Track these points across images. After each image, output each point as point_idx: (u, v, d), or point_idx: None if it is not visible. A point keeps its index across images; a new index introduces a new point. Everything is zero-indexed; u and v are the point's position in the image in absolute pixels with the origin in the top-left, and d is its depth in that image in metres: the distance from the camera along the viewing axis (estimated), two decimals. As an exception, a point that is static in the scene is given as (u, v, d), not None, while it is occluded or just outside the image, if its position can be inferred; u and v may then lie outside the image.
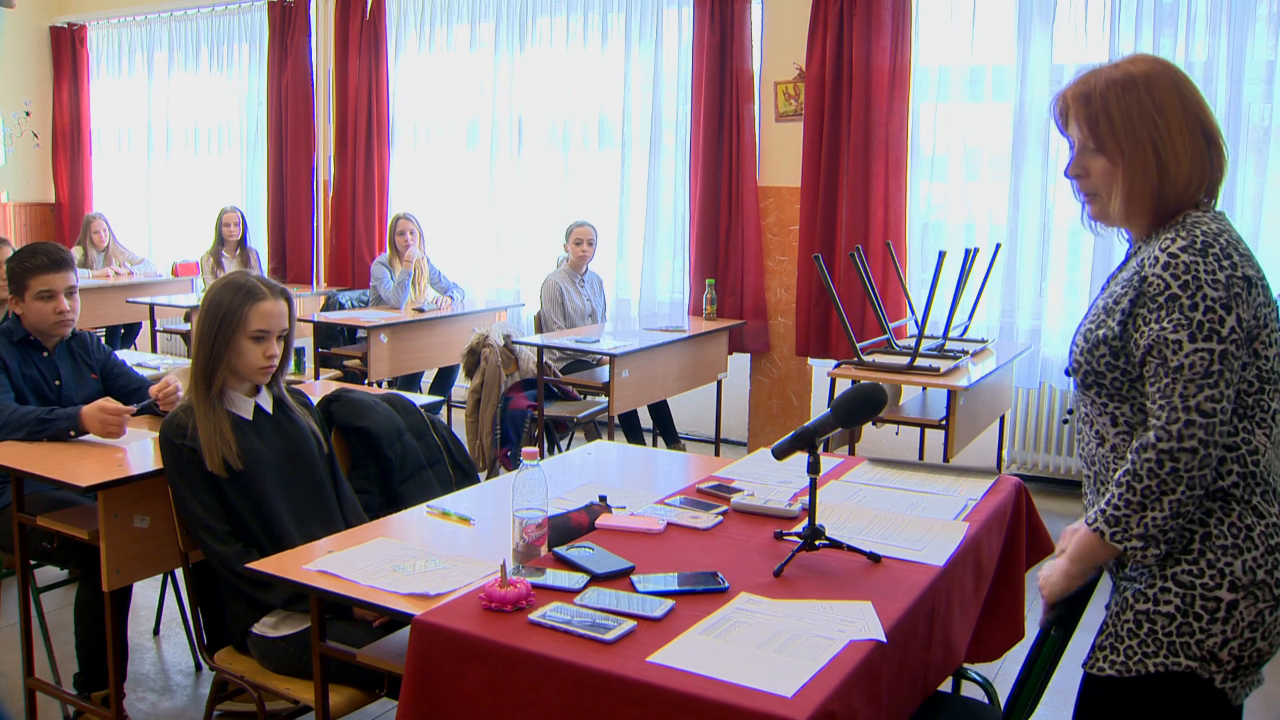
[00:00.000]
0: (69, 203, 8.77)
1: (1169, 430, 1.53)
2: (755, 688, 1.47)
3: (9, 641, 3.38)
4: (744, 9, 5.71)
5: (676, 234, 6.10)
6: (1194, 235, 1.56)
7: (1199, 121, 1.61)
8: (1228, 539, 1.58)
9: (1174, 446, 1.53)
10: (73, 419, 2.78)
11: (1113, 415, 1.67)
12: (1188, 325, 1.53)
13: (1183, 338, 1.53)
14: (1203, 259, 1.54)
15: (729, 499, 2.35)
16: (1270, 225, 4.74)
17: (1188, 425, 1.52)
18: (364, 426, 2.83)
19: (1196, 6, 4.72)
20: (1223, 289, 1.53)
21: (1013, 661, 2.37)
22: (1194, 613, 1.57)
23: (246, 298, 2.41)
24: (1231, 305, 1.53)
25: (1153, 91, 1.61)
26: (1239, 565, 1.56)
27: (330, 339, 5.80)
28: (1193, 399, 1.52)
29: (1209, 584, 1.57)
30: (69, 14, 8.69)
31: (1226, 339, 1.52)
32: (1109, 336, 1.63)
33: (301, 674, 2.23)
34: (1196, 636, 1.57)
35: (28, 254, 3.03)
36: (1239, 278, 1.54)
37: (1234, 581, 1.56)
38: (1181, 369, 1.53)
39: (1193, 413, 1.52)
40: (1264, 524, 1.58)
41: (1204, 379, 1.52)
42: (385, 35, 6.98)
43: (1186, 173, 1.60)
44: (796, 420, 5.75)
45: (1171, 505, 1.54)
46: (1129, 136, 1.61)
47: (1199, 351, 1.52)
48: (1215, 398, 1.52)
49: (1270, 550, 1.57)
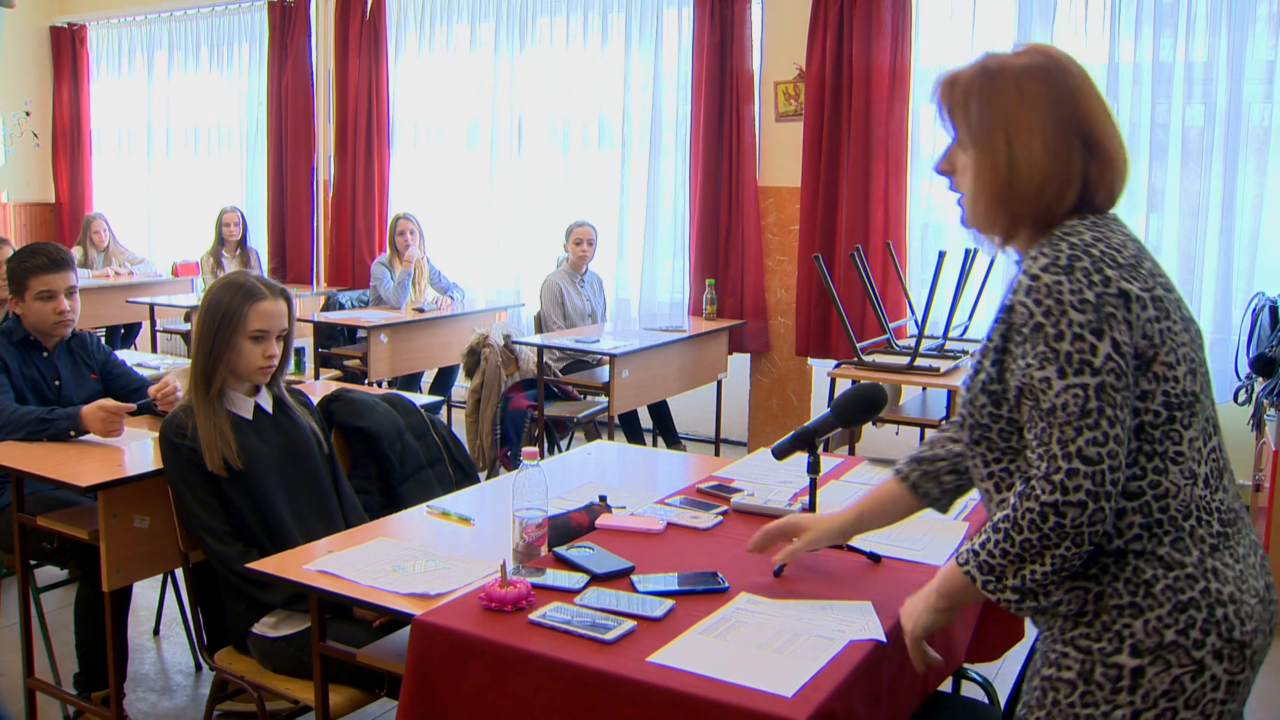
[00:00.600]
0: (69, 203, 8.77)
1: (1051, 481, 1.31)
2: (755, 688, 1.47)
3: (9, 641, 3.38)
4: (744, 9, 5.71)
5: (676, 234, 6.10)
6: (1058, 251, 1.35)
7: (1077, 123, 1.41)
8: (1123, 598, 1.35)
9: (1059, 500, 1.30)
10: (73, 419, 2.78)
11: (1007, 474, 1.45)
12: (1055, 359, 1.31)
13: (1051, 374, 1.32)
14: (1068, 277, 1.32)
15: (729, 499, 2.35)
16: (1270, 225, 4.74)
17: (1070, 475, 1.30)
18: (364, 426, 2.83)
19: (1196, 6, 4.72)
20: (1091, 311, 1.30)
21: (1013, 661, 2.37)
22: (1095, 681, 1.36)
23: (246, 298, 2.41)
24: (1104, 329, 1.30)
25: (1021, 84, 1.41)
26: (1139, 626, 1.33)
27: (330, 339, 5.80)
28: (1072, 444, 1.30)
29: (1107, 649, 1.35)
30: (69, 14, 8.69)
31: (1101, 370, 1.30)
32: (987, 382, 1.42)
33: (301, 674, 2.23)
34: (1102, 708, 1.35)
35: (28, 254, 3.03)
36: (1112, 294, 1.31)
37: (1136, 645, 1.33)
38: (1055, 411, 1.31)
39: (1074, 460, 1.29)
40: (1171, 576, 1.34)
41: (1081, 419, 1.30)
42: (385, 35, 6.98)
43: (1042, 176, 1.39)
44: (796, 420, 5.75)
45: (1054, 561, 1.32)
46: (982, 129, 1.43)
47: (1071, 389, 1.30)
48: (1099, 440, 1.29)
49: (1180, 607, 1.33)
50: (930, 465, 1.77)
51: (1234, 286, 4.72)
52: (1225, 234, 4.72)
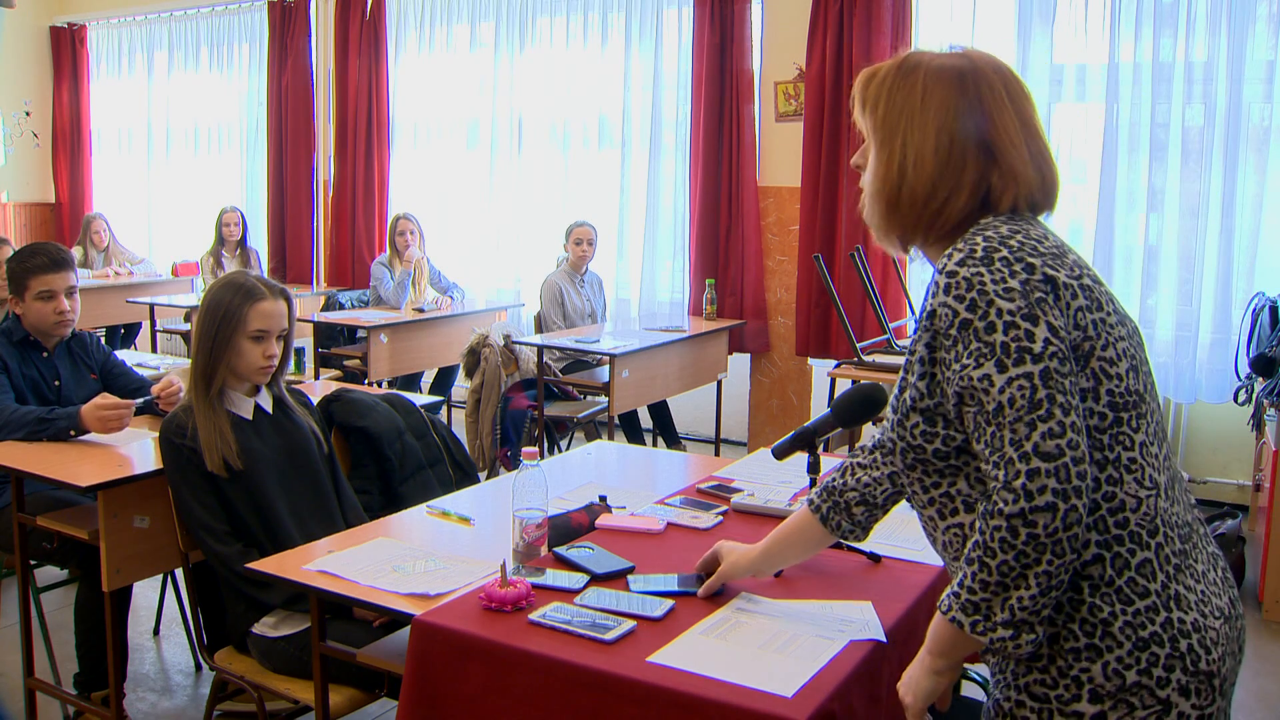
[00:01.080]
0: (69, 203, 8.77)
1: (1013, 489, 1.19)
2: (755, 688, 1.47)
3: (9, 641, 3.38)
4: (744, 9, 5.71)
5: (676, 234, 6.10)
6: (973, 245, 1.27)
7: (980, 132, 1.33)
8: (1079, 640, 1.24)
9: (1025, 508, 1.18)
10: (73, 419, 2.78)
11: (949, 498, 1.35)
12: (991, 353, 1.21)
13: (990, 370, 1.21)
14: (987, 268, 1.24)
15: (729, 499, 2.35)
16: (1270, 225, 4.74)
17: (1031, 477, 1.18)
18: (364, 426, 2.83)
19: (1196, 6, 4.72)
20: (1020, 298, 1.22)
21: (1013, 661, 2.37)
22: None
23: (246, 298, 2.41)
24: (1036, 314, 1.21)
25: (928, 85, 1.34)
26: (1098, 670, 1.23)
27: (330, 339, 5.80)
28: (1027, 442, 1.18)
29: (1065, 696, 1.25)
30: (69, 14, 8.69)
31: (1043, 356, 1.20)
32: (916, 399, 1.32)
33: (301, 674, 2.23)
34: None
35: (28, 254, 3.03)
36: (1038, 280, 1.23)
37: (1095, 691, 1.24)
38: (1001, 409, 1.20)
39: (1033, 459, 1.18)
40: (1130, 612, 1.23)
41: (1032, 413, 1.19)
42: (385, 35, 6.98)
43: (930, 183, 1.33)
44: (796, 420, 5.75)
45: (1039, 580, 1.19)
46: (883, 129, 1.37)
47: (1015, 381, 1.20)
48: (1054, 431, 1.18)
49: (1141, 644, 1.23)
50: (840, 496, 1.71)
51: (1234, 286, 4.71)
52: (1225, 234, 4.71)
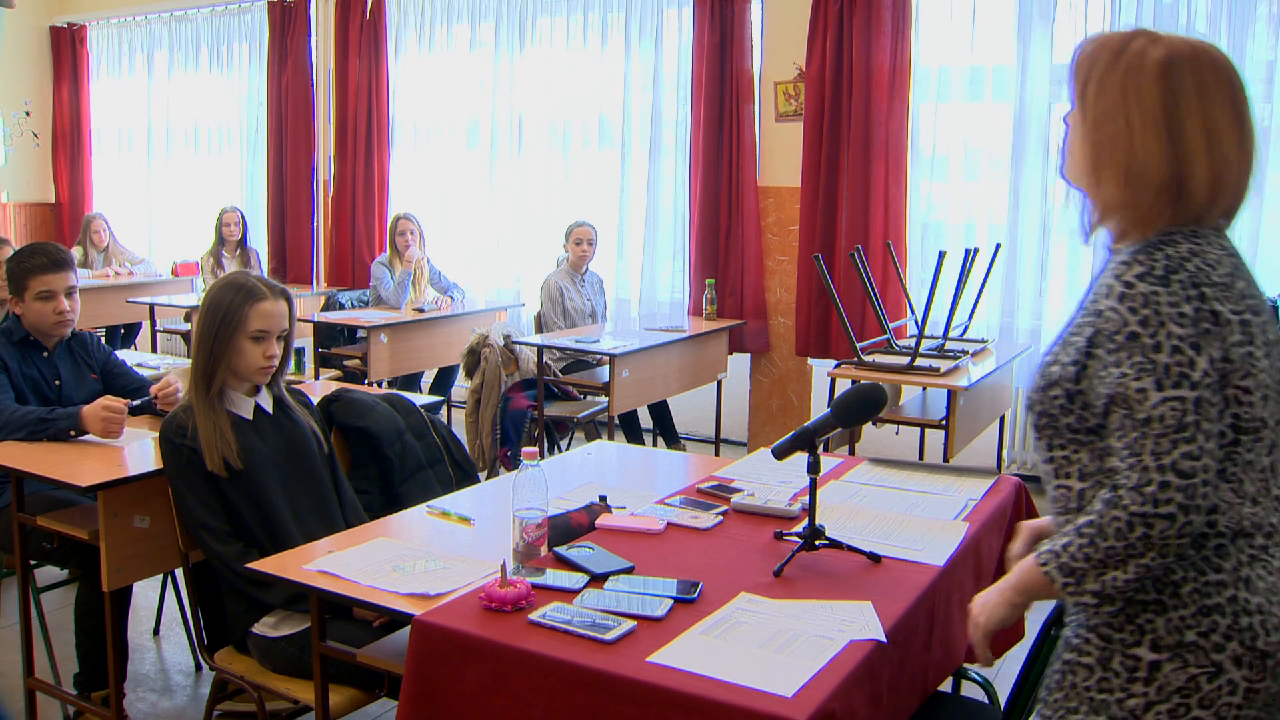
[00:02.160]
0: (69, 203, 8.77)
1: (1143, 494, 1.32)
2: (755, 688, 1.47)
3: (9, 641, 3.38)
4: (744, 9, 5.71)
5: (676, 234, 6.10)
6: (1154, 261, 1.37)
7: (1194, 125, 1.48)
8: (1149, 594, 1.39)
9: (1148, 512, 1.32)
10: (73, 419, 2.78)
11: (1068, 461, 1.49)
12: (1153, 370, 1.33)
13: (1148, 385, 1.33)
14: (1164, 288, 1.34)
15: (729, 499, 2.35)
16: (1270, 225, 4.73)
17: (1163, 489, 1.31)
18: (364, 426, 2.83)
19: (1196, 6, 4.72)
20: (1190, 325, 1.33)
21: (1013, 661, 2.37)
22: (1112, 669, 1.41)
23: (246, 298, 2.41)
24: (1201, 344, 1.32)
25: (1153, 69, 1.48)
26: (1161, 624, 1.38)
27: (330, 339, 5.80)
28: (1167, 457, 1.31)
29: (1127, 640, 1.40)
30: (69, 14, 8.69)
31: (1200, 384, 1.32)
32: (1062, 377, 1.44)
33: (301, 674, 2.23)
34: (1116, 695, 1.40)
35: (27, 254, 3.03)
36: (1207, 311, 1.34)
37: (1156, 640, 1.38)
38: (1150, 422, 1.32)
39: (1168, 473, 1.31)
40: (1201, 581, 1.38)
41: (1178, 433, 1.31)
42: (385, 35, 6.98)
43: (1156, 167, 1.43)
44: (796, 420, 5.75)
45: (1138, 569, 1.35)
46: (1101, 101, 1.47)
47: (1169, 401, 1.32)
48: (1194, 454, 1.31)
49: (1205, 611, 1.37)
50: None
51: (1234, 286, 4.71)
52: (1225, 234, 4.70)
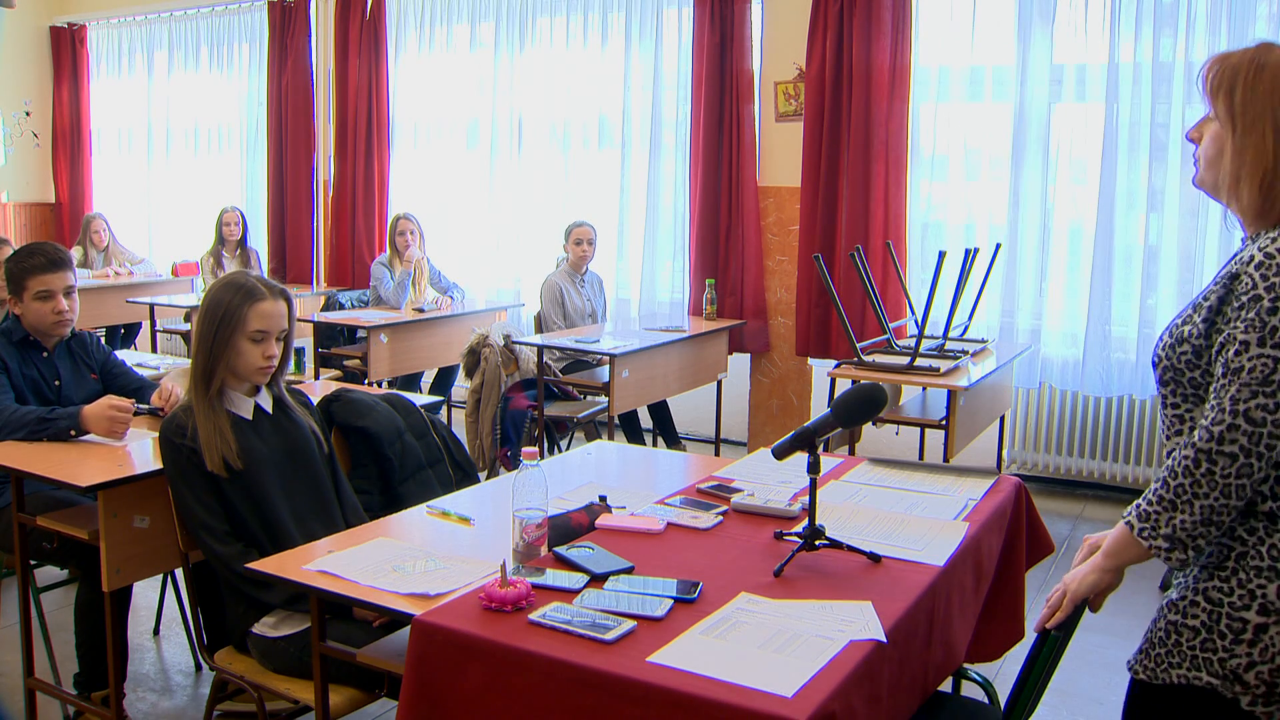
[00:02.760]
0: (69, 203, 8.77)
1: (1211, 431, 1.47)
2: (755, 688, 1.47)
3: (9, 641, 3.38)
4: (744, 9, 5.71)
5: (676, 234, 6.10)
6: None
7: None
8: (1264, 560, 1.50)
9: (1213, 448, 1.46)
10: (73, 418, 2.78)
11: (1185, 416, 1.60)
12: (1260, 328, 1.45)
13: (1251, 339, 1.46)
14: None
15: (729, 499, 2.34)
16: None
17: (1231, 429, 1.45)
18: (364, 426, 2.83)
19: (1196, 6, 4.72)
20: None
21: (1013, 661, 2.37)
22: (1219, 630, 1.52)
23: (246, 298, 2.41)
24: None
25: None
26: (1273, 590, 1.49)
27: (330, 339, 5.80)
28: (1244, 404, 1.45)
29: (1237, 604, 1.51)
30: (69, 14, 8.69)
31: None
32: (1193, 334, 1.56)
33: (301, 674, 2.23)
34: (1219, 655, 1.52)
35: (26, 254, 3.02)
36: None
37: (1265, 605, 1.49)
38: (1240, 371, 1.46)
39: (1239, 418, 1.45)
40: None
41: (1261, 386, 1.44)
42: (385, 35, 6.98)
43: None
44: (796, 420, 5.75)
45: (1202, 510, 1.47)
46: (1247, 112, 1.54)
47: (1264, 357, 1.45)
48: (1269, 408, 1.44)
49: None
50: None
51: (1234, 286, 4.71)
52: (1225, 234, 4.71)
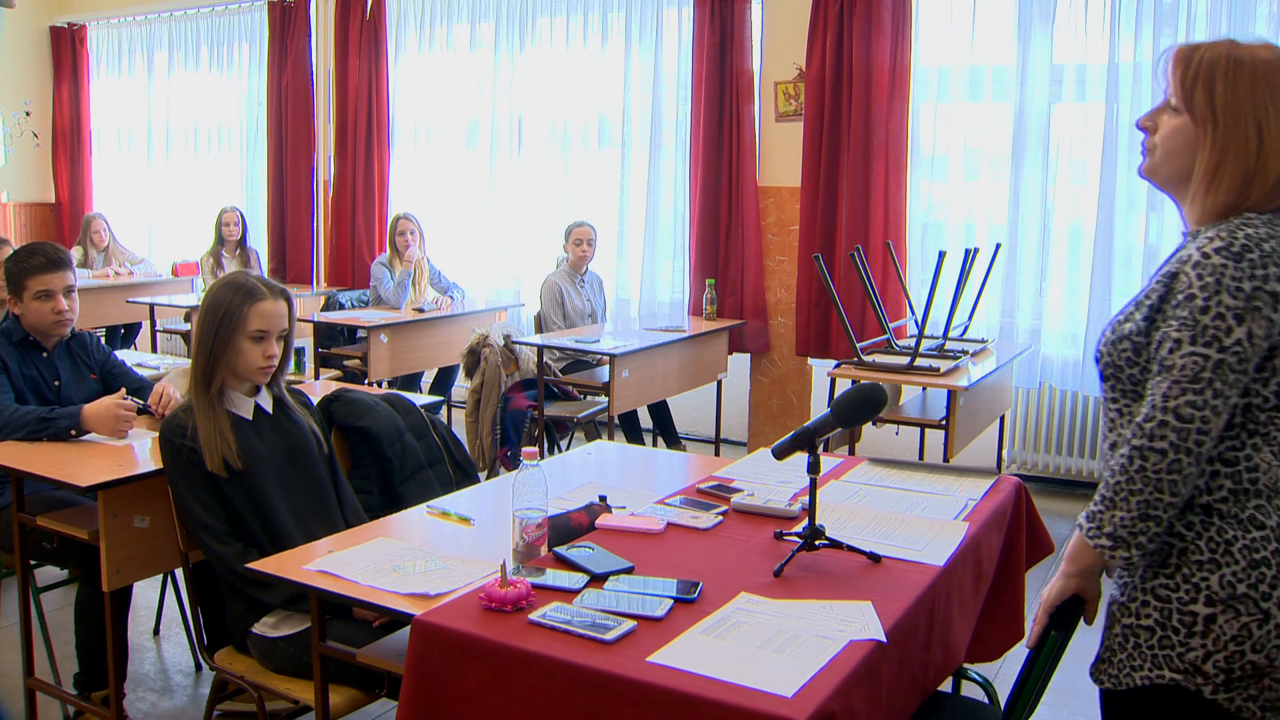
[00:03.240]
0: (69, 203, 8.77)
1: (1144, 428, 1.51)
2: (755, 688, 1.47)
3: (9, 641, 3.38)
4: (744, 9, 5.71)
5: (676, 234, 6.10)
6: (1234, 238, 1.50)
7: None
8: (1204, 554, 1.54)
9: (1144, 445, 1.50)
10: (74, 418, 2.78)
11: (1124, 412, 1.62)
12: (1192, 326, 1.49)
13: (1184, 337, 1.49)
14: (1234, 264, 1.48)
15: (729, 499, 2.34)
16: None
17: (1160, 426, 1.49)
18: (364, 426, 2.83)
19: (1196, 6, 4.72)
20: (1243, 299, 1.47)
21: (1013, 661, 2.37)
22: (1172, 626, 1.55)
23: (246, 298, 2.41)
24: (1245, 317, 1.47)
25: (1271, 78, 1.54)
26: (1215, 580, 1.52)
27: (330, 339, 5.80)
28: (1174, 400, 1.48)
29: (1184, 598, 1.54)
30: (69, 14, 8.69)
31: (1228, 350, 1.47)
32: (1133, 331, 1.59)
33: (301, 674, 2.23)
34: (1177, 650, 1.55)
35: (25, 254, 3.02)
36: (1266, 292, 1.47)
37: (1210, 596, 1.52)
38: (1172, 368, 1.50)
39: (1169, 414, 1.49)
40: (1248, 537, 1.52)
41: (1190, 384, 1.48)
42: (385, 35, 6.98)
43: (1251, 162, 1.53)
44: (796, 420, 5.75)
45: (1138, 506, 1.50)
46: (1230, 112, 1.54)
47: (1195, 355, 1.48)
48: (1197, 405, 1.47)
49: (1254, 564, 1.52)
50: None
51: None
52: None
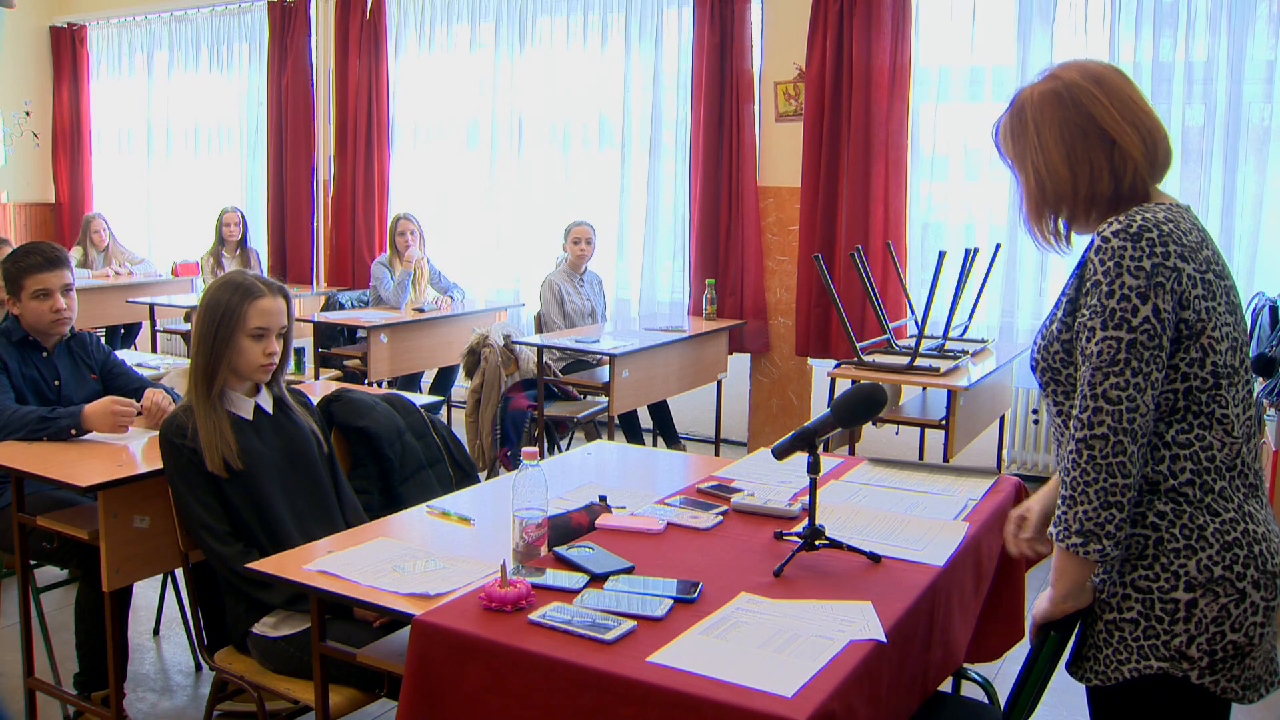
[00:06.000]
0: (69, 203, 8.77)
1: (1081, 419, 1.54)
2: (755, 688, 1.47)
3: (9, 641, 3.38)
4: (744, 9, 5.71)
5: (676, 234, 6.10)
6: (1131, 220, 1.55)
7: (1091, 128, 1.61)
8: (1179, 541, 1.57)
9: (1086, 435, 1.53)
10: (74, 418, 2.78)
11: (1069, 413, 1.64)
12: (1101, 312, 1.53)
13: (1096, 324, 1.54)
14: (1132, 245, 1.52)
15: (729, 499, 2.34)
16: (1270, 225, 4.74)
17: (1096, 412, 1.52)
18: (364, 426, 2.83)
19: (1196, 6, 4.72)
20: (1144, 277, 1.51)
21: (1013, 661, 2.37)
22: (1155, 616, 1.58)
23: (245, 296, 2.41)
24: (1149, 295, 1.51)
25: (1036, 114, 1.65)
26: (1193, 565, 1.56)
27: (330, 339, 5.79)
28: (1099, 386, 1.52)
29: (1165, 587, 1.57)
30: (69, 14, 8.69)
31: (1137, 329, 1.51)
32: (1061, 332, 1.63)
33: (301, 674, 2.23)
34: (1162, 638, 1.58)
35: (22, 254, 3.02)
36: (1167, 268, 1.52)
37: (1190, 582, 1.56)
38: (1092, 356, 1.54)
39: (1099, 400, 1.52)
40: (1218, 521, 1.57)
41: (1110, 367, 1.52)
42: (385, 35, 6.98)
43: (1070, 178, 1.63)
44: (796, 420, 5.75)
45: (1097, 495, 1.52)
46: (1016, 158, 1.70)
47: (1108, 339, 1.52)
48: (1121, 385, 1.51)
49: (1227, 546, 1.56)
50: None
51: (1233, 286, 4.72)
52: (1225, 234, 4.71)
